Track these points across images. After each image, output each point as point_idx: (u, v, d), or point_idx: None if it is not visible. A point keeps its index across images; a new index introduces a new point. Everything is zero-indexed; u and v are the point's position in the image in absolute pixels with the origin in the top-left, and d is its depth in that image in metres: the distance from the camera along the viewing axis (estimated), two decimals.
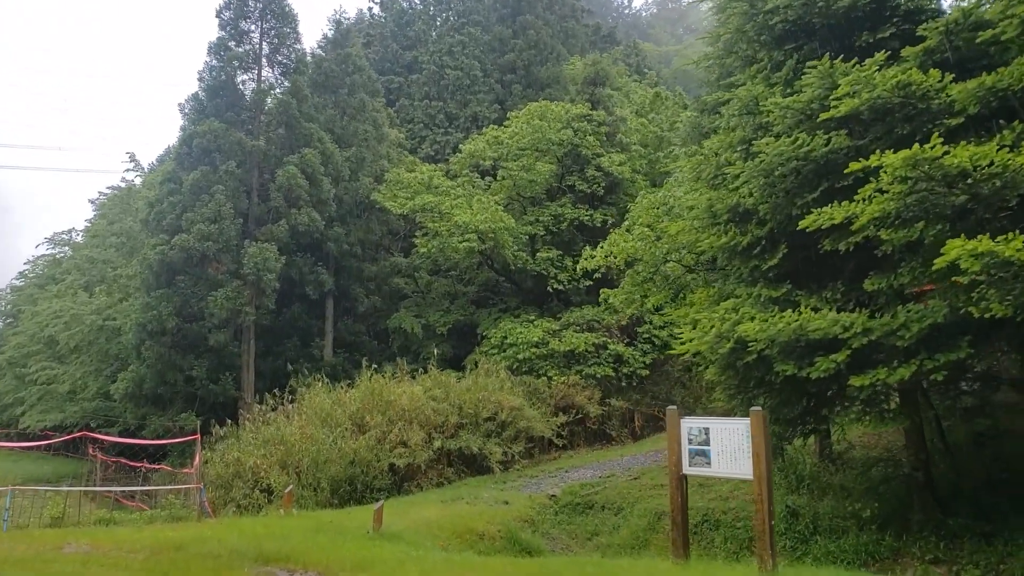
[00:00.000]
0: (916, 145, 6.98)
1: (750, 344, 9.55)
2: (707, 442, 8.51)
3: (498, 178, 29.15)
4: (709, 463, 8.47)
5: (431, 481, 17.99)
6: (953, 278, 7.15)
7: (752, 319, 9.67)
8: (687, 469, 8.63)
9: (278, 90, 30.76)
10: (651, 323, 25.33)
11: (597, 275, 19.12)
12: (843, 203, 8.61)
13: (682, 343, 10.96)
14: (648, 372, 24.44)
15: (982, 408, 12.53)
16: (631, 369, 24.11)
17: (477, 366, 22.55)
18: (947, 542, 9.66)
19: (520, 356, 23.53)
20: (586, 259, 14.93)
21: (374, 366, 21.21)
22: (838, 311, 9.09)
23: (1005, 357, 11.51)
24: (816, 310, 9.14)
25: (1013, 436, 12.34)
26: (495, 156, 28.34)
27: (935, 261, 6.99)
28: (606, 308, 25.46)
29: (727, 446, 8.32)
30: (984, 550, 9.22)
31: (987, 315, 7.43)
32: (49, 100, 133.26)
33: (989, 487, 10.94)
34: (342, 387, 20.71)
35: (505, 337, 24.48)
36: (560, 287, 26.77)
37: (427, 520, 12.96)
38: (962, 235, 6.77)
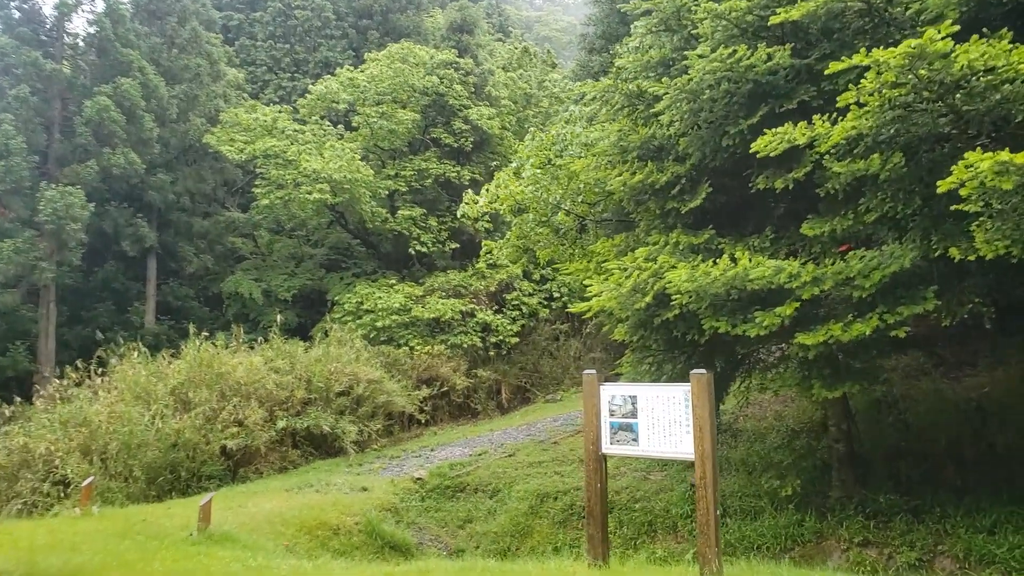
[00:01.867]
0: (930, 29, 5.50)
1: (673, 298, 7.98)
2: (634, 414, 6.86)
3: (354, 125, 26.12)
4: (636, 440, 6.85)
5: (273, 466, 15.49)
6: (952, 207, 5.82)
7: (674, 268, 8.09)
8: (607, 448, 6.95)
9: (87, 6, 25.83)
10: (520, 290, 23.81)
11: (473, 231, 17.24)
12: (799, 124, 7.14)
13: (587, 299, 9.24)
14: (517, 340, 22.88)
15: (875, 372, 11.89)
16: (499, 338, 22.44)
17: (327, 335, 19.93)
18: (875, 521, 8.67)
19: (379, 324, 21.11)
20: (467, 204, 12.87)
21: (205, 334, 17.99)
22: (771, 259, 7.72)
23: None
24: (750, 259, 7.69)
25: (909, 402, 11.79)
26: (351, 100, 25.26)
27: (938, 183, 5.60)
28: (474, 273, 23.62)
29: (660, 419, 6.72)
30: (917, 530, 8.27)
31: (971, 256, 6.27)
32: None
33: (900, 457, 10.20)
34: (164, 358, 17.42)
35: (362, 303, 21.92)
36: (424, 249, 24.45)
37: (269, 514, 10.81)
38: (972, 157, 5.38)
